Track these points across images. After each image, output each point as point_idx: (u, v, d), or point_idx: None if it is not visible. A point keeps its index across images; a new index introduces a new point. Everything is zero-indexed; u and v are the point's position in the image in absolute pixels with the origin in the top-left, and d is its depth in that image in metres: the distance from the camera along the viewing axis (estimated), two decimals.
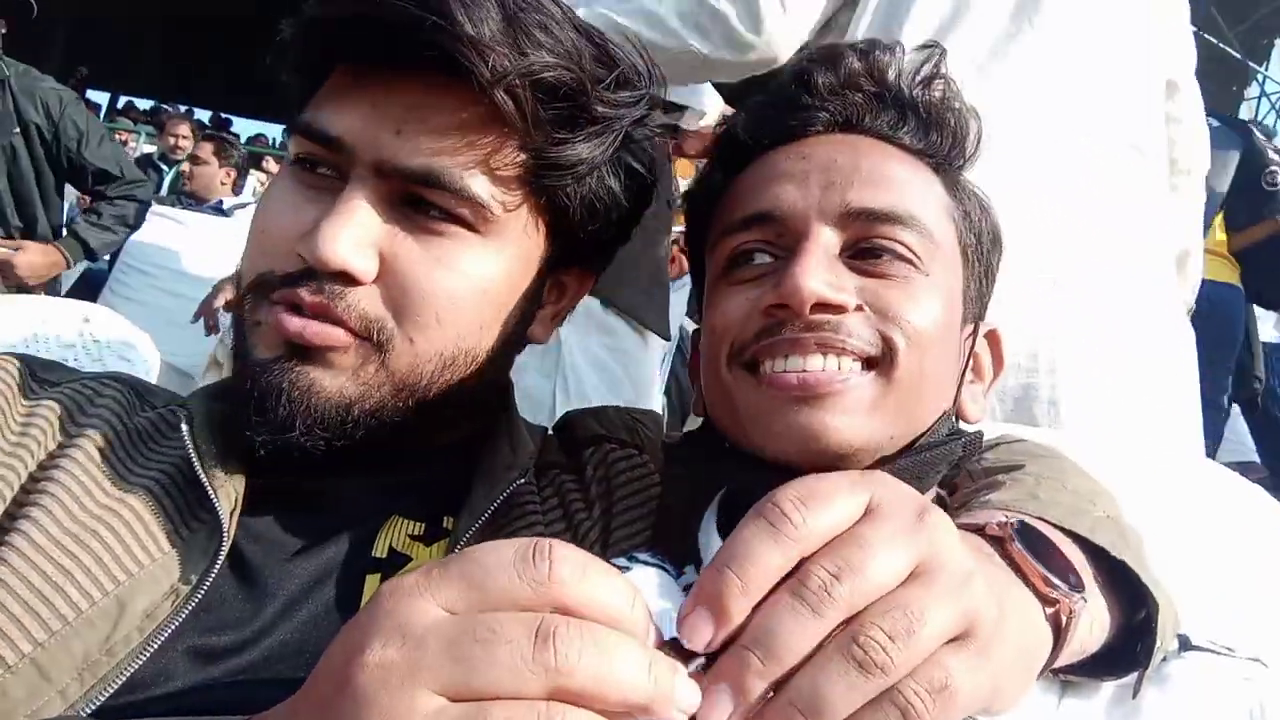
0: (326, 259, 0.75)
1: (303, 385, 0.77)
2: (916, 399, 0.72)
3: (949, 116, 0.81)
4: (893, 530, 0.47)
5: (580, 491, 0.92)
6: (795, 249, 0.73)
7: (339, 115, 0.79)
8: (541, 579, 0.41)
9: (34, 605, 0.69)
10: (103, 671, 0.70)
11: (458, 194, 0.78)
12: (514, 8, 0.76)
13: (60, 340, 1.29)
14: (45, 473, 0.78)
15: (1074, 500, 0.71)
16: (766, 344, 0.71)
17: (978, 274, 0.82)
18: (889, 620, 0.43)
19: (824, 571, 0.44)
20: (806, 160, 0.77)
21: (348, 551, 0.82)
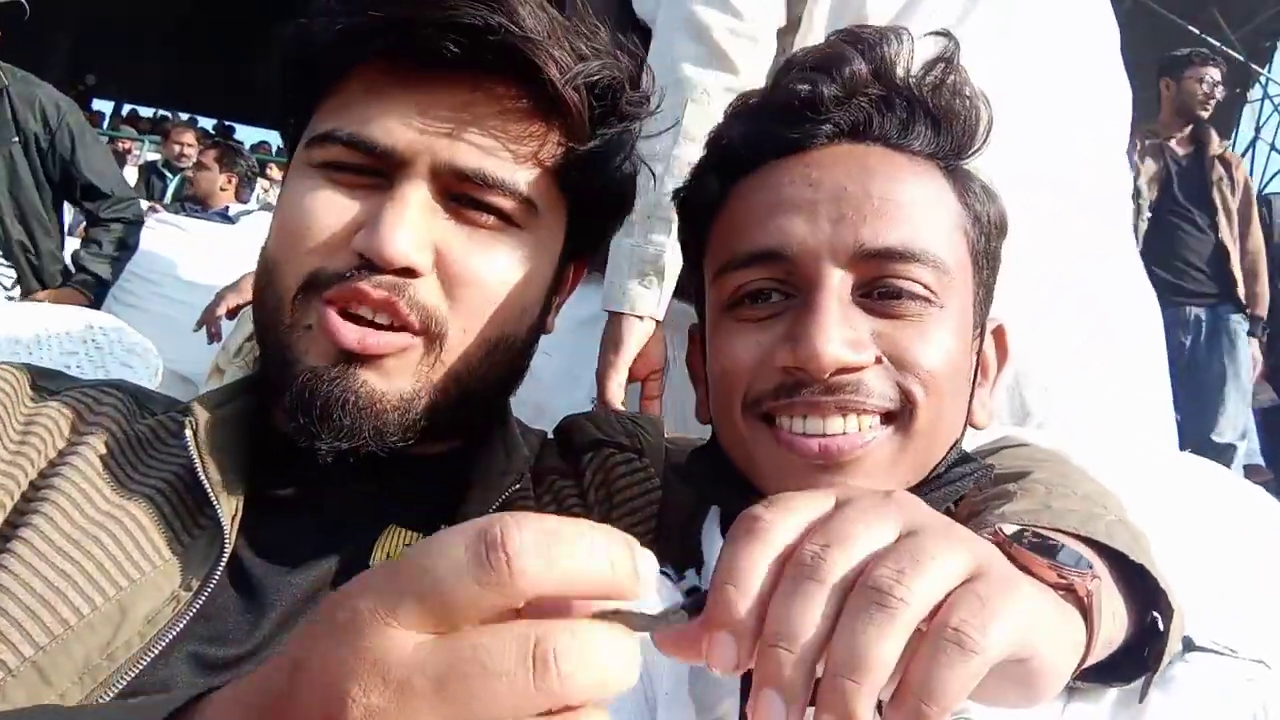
0: (391, 255, 0.77)
1: (364, 393, 0.79)
2: (933, 443, 0.72)
3: (960, 112, 0.78)
4: (867, 506, 0.47)
5: (579, 497, 0.92)
6: (807, 294, 0.71)
7: (386, 123, 0.80)
8: (504, 580, 0.36)
9: (35, 610, 0.69)
10: (103, 676, 0.70)
11: (508, 191, 0.82)
12: (548, 8, 0.80)
13: (63, 347, 1.30)
14: (46, 480, 0.78)
15: (1086, 506, 0.70)
16: (785, 403, 0.70)
17: (985, 276, 0.80)
18: (892, 559, 0.43)
19: (813, 546, 0.44)
20: (814, 188, 0.73)
21: (345, 562, 0.82)
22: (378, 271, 0.78)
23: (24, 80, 3.37)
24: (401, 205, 0.79)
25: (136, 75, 17.12)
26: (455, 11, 0.76)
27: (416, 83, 0.80)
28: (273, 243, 0.84)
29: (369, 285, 0.78)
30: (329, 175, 0.82)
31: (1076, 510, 0.68)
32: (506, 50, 0.78)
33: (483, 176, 0.80)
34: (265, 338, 0.84)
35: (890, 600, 0.41)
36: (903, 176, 0.74)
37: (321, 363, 0.80)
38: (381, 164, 0.81)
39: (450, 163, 0.80)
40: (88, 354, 1.32)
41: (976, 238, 0.78)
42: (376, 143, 0.80)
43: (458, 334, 0.82)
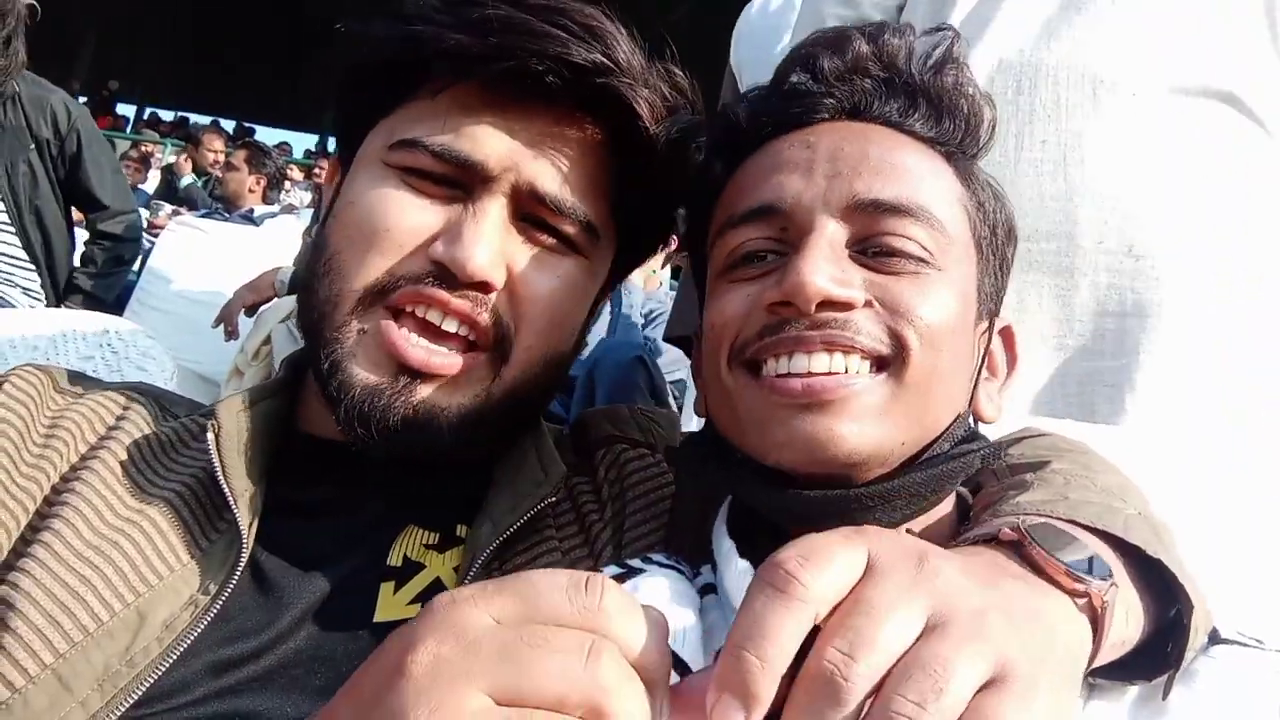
0: (474, 269, 0.79)
1: (424, 409, 0.82)
2: (929, 401, 0.69)
3: (961, 103, 0.77)
4: (897, 588, 0.45)
5: (593, 493, 0.92)
6: (800, 244, 0.69)
7: (476, 139, 0.82)
8: (591, 606, 0.43)
9: (56, 616, 0.70)
10: (123, 682, 0.70)
11: (576, 219, 0.85)
12: (636, 43, 0.84)
13: (80, 352, 1.31)
14: (68, 484, 0.78)
15: (1105, 498, 0.68)
16: (770, 341, 0.67)
17: (992, 268, 0.77)
18: (913, 686, 0.42)
19: (835, 654, 0.43)
20: (811, 149, 0.73)
21: (363, 560, 0.82)
22: (455, 282, 0.80)
23: (35, 83, 3.34)
24: (483, 220, 0.81)
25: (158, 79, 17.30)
26: (566, 50, 0.79)
27: (507, 104, 0.83)
28: (339, 238, 0.85)
29: (450, 294, 0.80)
30: (408, 180, 0.84)
31: (1094, 503, 0.66)
32: (605, 89, 0.81)
33: (557, 202, 0.84)
34: (316, 336, 0.84)
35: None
36: (901, 147, 0.74)
37: (379, 377, 0.81)
38: (465, 177, 0.82)
39: (531, 184, 0.83)
40: (104, 358, 1.33)
41: (980, 222, 0.76)
42: (467, 156, 0.82)
43: (522, 351, 0.85)
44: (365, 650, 0.77)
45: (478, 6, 0.81)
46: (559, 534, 0.87)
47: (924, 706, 0.41)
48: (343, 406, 0.81)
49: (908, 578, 0.46)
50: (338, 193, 0.91)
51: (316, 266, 0.86)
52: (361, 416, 0.80)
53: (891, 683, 0.42)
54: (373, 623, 0.79)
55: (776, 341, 0.67)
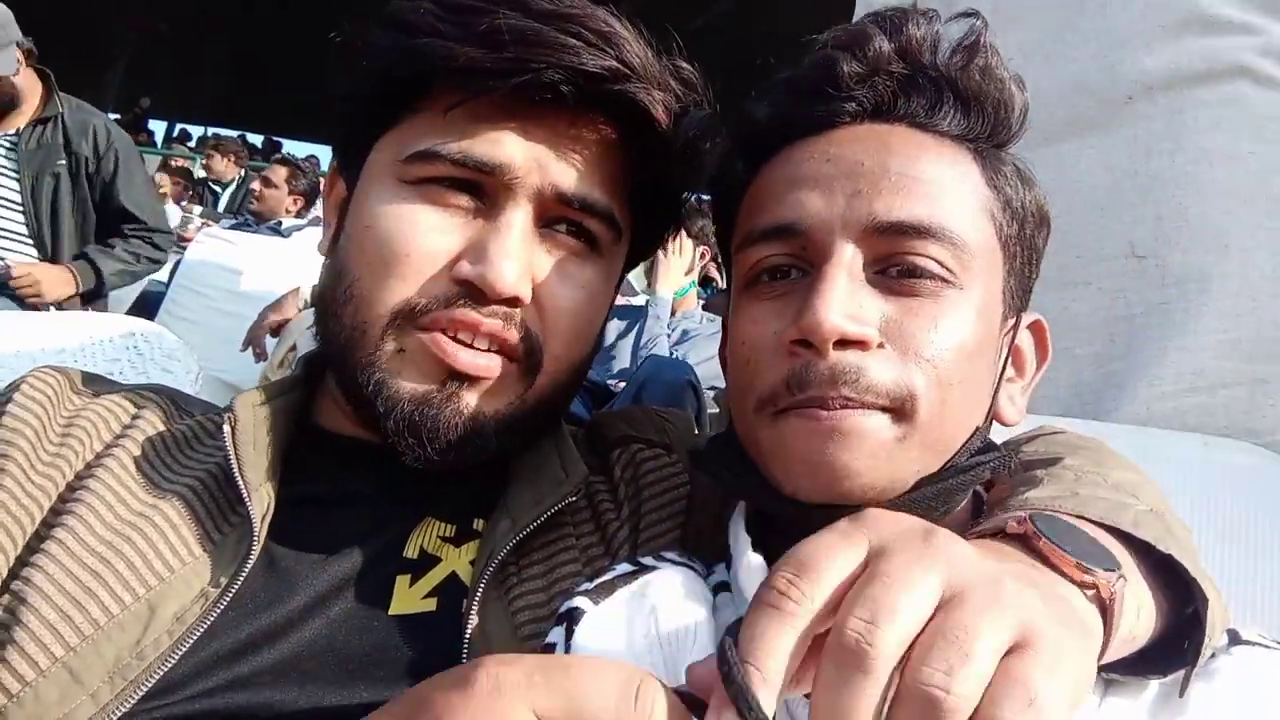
0: (504, 287, 0.79)
1: (469, 414, 0.82)
2: (943, 429, 0.69)
3: (991, 92, 0.75)
4: (908, 559, 0.44)
5: (609, 493, 0.92)
6: (818, 267, 0.69)
7: (496, 144, 0.81)
8: (642, 716, 0.42)
9: (67, 610, 0.71)
10: (133, 675, 0.70)
11: (601, 216, 0.85)
12: (645, 43, 0.84)
13: (107, 354, 1.33)
14: (82, 482, 0.79)
15: (1115, 494, 0.67)
16: (797, 400, 0.67)
17: (1019, 265, 0.76)
18: (938, 655, 0.41)
19: (858, 622, 0.42)
20: (832, 163, 0.72)
21: (379, 552, 0.82)
22: (483, 300, 0.80)
23: (79, 108, 3.47)
24: (507, 234, 0.80)
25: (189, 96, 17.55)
26: (580, 60, 0.79)
27: (522, 110, 0.82)
28: (358, 263, 0.83)
29: (480, 315, 0.80)
30: (426, 194, 0.82)
31: (1104, 498, 0.65)
32: (621, 94, 0.81)
33: (583, 201, 0.84)
34: (348, 359, 0.83)
35: (951, 712, 0.40)
36: (924, 155, 0.72)
37: (425, 385, 0.81)
38: (487, 182, 0.82)
39: (555, 185, 0.82)
40: (130, 360, 1.35)
41: (1006, 223, 0.74)
42: (487, 161, 0.81)
43: (551, 361, 0.85)
44: (379, 642, 0.77)
45: (484, 15, 0.79)
46: (576, 533, 0.87)
47: (952, 675, 0.40)
48: (392, 419, 0.80)
49: (917, 550, 0.45)
50: (345, 211, 0.89)
51: (337, 292, 0.84)
52: (412, 426, 0.80)
53: (917, 655, 0.41)
54: (387, 615, 0.79)
55: (802, 401, 0.67)
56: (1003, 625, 0.42)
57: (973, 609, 0.42)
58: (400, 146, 0.84)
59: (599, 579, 0.72)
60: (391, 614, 0.79)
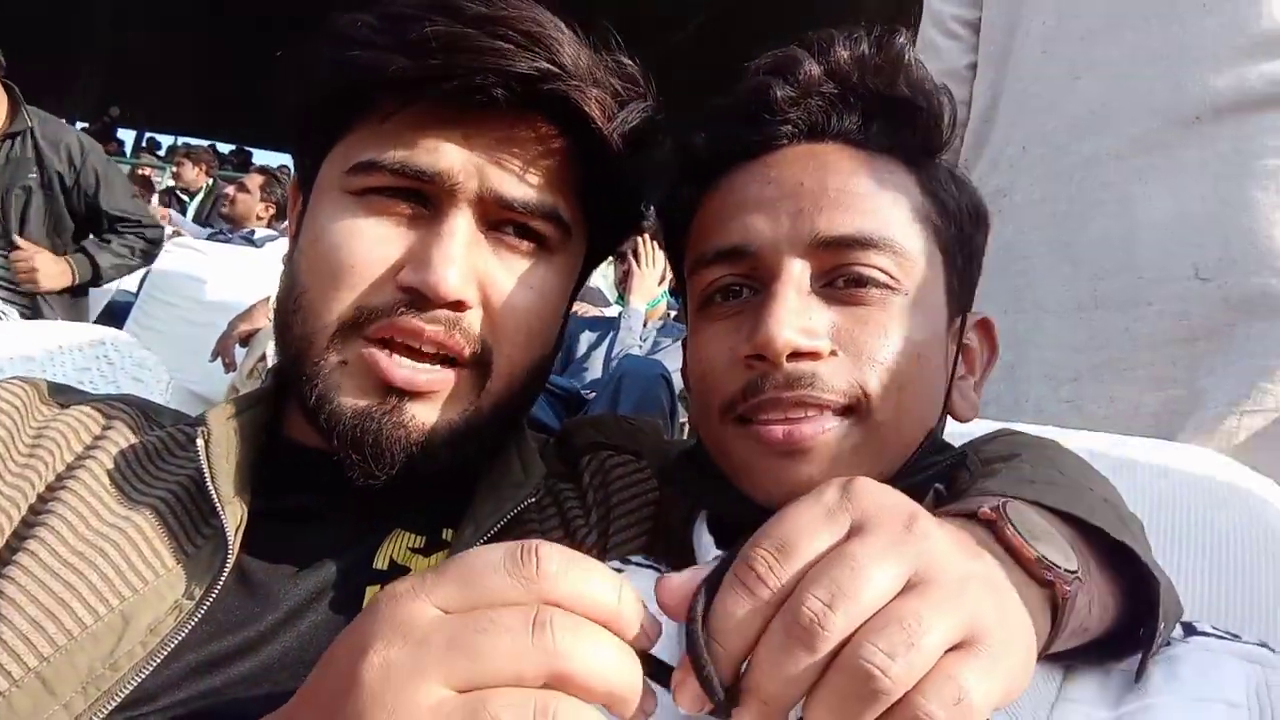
0: (446, 291, 0.79)
1: (414, 427, 0.81)
2: (899, 431, 0.72)
3: (919, 105, 0.78)
4: (882, 544, 0.46)
5: (578, 499, 0.93)
6: (768, 285, 0.72)
7: (434, 152, 0.81)
8: (530, 575, 0.43)
9: (40, 621, 0.70)
10: (107, 685, 0.70)
11: (547, 217, 0.85)
12: (581, 42, 0.84)
13: (76, 364, 1.32)
14: (54, 493, 0.79)
15: (1071, 485, 0.69)
16: (752, 404, 0.71)
17: (960, 265, 0.80)
18: (885, 637, 0.42)
19: (815, 602, 0.43)
20: (773, 185, 0.75)
21: (349, 564, 0.83)
22: (428, 306, 0.80)
23: (47, 121, 3.49)
24: (450, 238, 0.80)
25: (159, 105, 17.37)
26: (510, 63, 0.79)
27: (459, 115, 0.82)
28: (307, 274, 0.84)
29: (423, 321, 0.80)
30: (369, 204, 0.83)
31: (1060, 487, 0.67)
32: (553, 94, 0.81)
33: (527, 205, 0.83)
34: (296, 370, 0.84)
35: (875, 692, 0.42)
36: (860, 170, 0.76)
37: (367, 400, 0.81)
38: (429, 190, 0.82)
39: (496, 190, 0.82)
40: (100, 370, 1.34)
41: (944, 226, 0.78)
42: (426, 169, 0.81)
43: (504, 363, 0.85)
44: None
45: (415, 24, 0.79)
46: (542, 528, 0.88)
47: (893, 658, 0.42)
48: (335, 435, 0.81)
49: (895, 536, 0.46)
50: (300, 224, 0.90)
51: (288, 302, 0.85)
52: (355, 442, 0.80)
53: (865, 632, 0.43)
54: None
55: (758, 404, 0.71)
56: (955, 622, 0.44)
57: (932, 601, 0.44)
58: (345, 159, 0.84)
59: None
60: None
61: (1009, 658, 0.46)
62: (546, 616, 0.42)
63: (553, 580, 0.43)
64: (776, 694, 0.44)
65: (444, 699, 0.41)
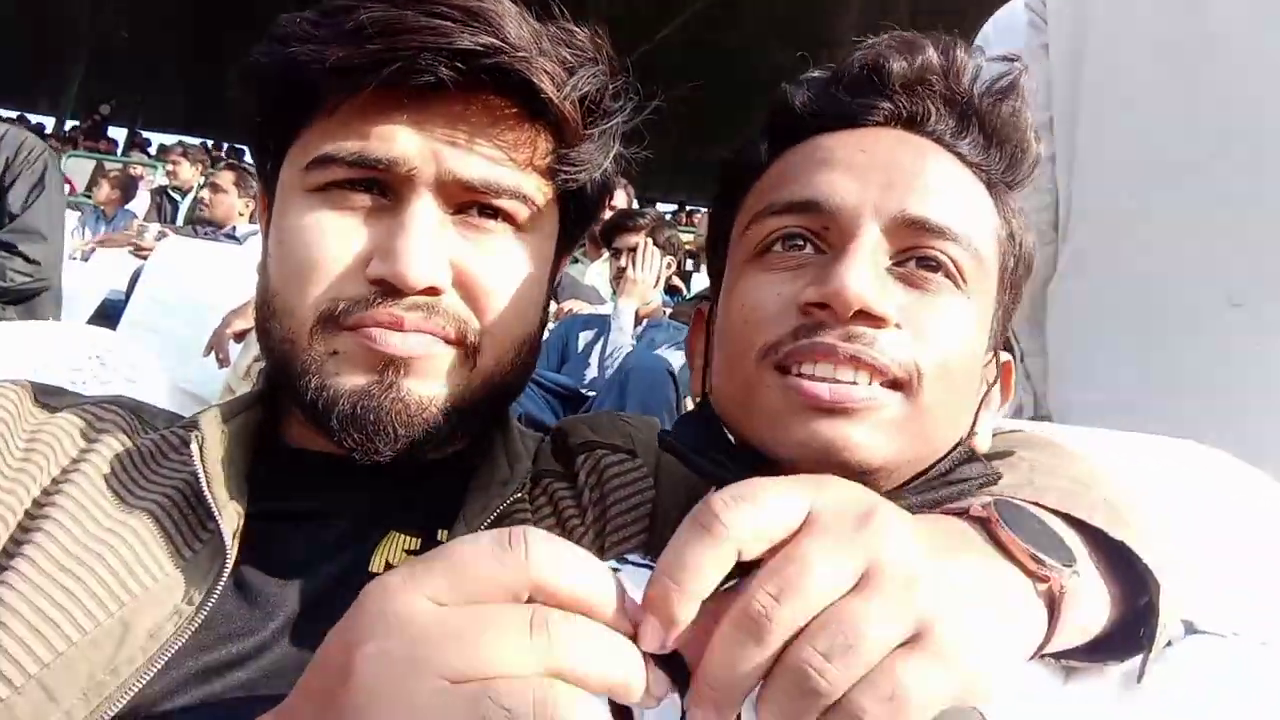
0: (415, 279, 0.79)
1: (413, 401, 0.81)
2: (939, 423, 0.70)
3: (1013, 135, 0.77)
4: (833, 542, 0.47)
5: (573, 498, 0.92)
6: (842, 247, 0.69)
7: (388, 139, 0.81)
8: (518, 561, 0.44)
9: (40, 627, 0.70)
10: (107, 691, 0.70)
11: (512, 196, 0.84)
12: (524, 14, 0.83)
13: (69, 364, 1.32)
14: (49, 497, 0.78)
15: (1070, 484, 0.69)
16: (803, 345, 0.67)
17: (1006, 301, 0.79)
18: (825, 638, 0.44)
19: (765, 596, 0.45)
20: (867, 154, 0.73)
21: (346, 568, 0.82)
22: (401, 295, 0.80)
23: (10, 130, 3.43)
24: (414, 225, 0.80)
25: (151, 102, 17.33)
26: (449, 38, 0.77)
27: (411, 100, 0.81)
28: (278, 277, 0.84)
29: (400, 310, 0.80)
30: (330, 199, 0.82)
31: (1059, 488, 0.67)
32: (500, 69, 0.80)
33: (488, 184, 0.82)
34: (286, 370, 0.84)
35: (811, 691, 0.44)
36: (952, 170, 0.75)
37: (363, 378, 0.81)
38: (387, 178, 0.81)
39: (455, 173, 0.81)
40: (93, 370, 1.33)
41: (1008, 254, 0.77)
42: (381, 158, 0.80)
43: (489, 340, 0.85)
44: None
45: (351, 13, 0.79)
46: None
47: (830, 659, 0.43)
48: (334, 418, 0.81)
49: (846, 534, 0.47)
50: (268, 229, 0.90)
51: (265, 308, 0.86)
52: (355, 422, 0.80)
53: (806, 634, 0.45)
54: None
55: (810, 346, 0.67)
56: (899, 620, 0.45)
57: (876, 600, 0.45)
58: (302, 156, 0.84)
59: None
60: None
61: (963, 655, 0.46)
62: (545, 617, 0.43)
63: (540, 566, 0.44)
64: (725, 682, 0.45)
65: (442, 688, 0.41)
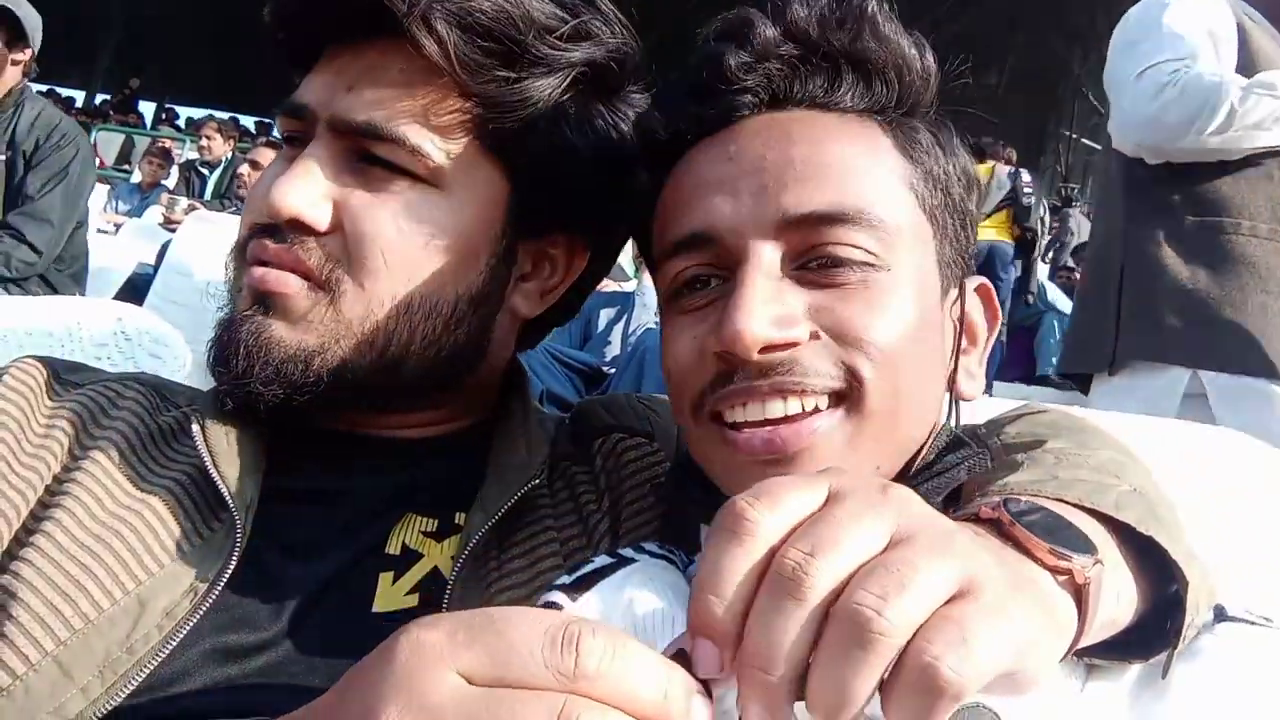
0: (279, 208, 0.79)
1: (263, 337, 0.80)
2: (898, 420, 0.67)
3: (887, 57, 0.72)
4: (861, 504, 0.44)
5: (590, 483, 0.91)
6: (735, 273, 0.67)
7: (306, 86, 0.85)
8: (568, 670, 0.39)
9: (57, 604, 0.70)
10: (123, 669, 0.70)
11: (398, 143, 0.81)
12: None
13: (94, 339, 1.32)
14: (69, 474, 0.79)
15: (1097, 476, 0.66)
16: (723, 394, 0.66)
17: (952, 232, 0.74)
18: (875, 580, 0.41)
19: (797, 553, 0.42)
20: (734, 162, 0.69)
21: (361, 549, 0.82)
22: (279, 230, 0.81)
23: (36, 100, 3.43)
24: (300, 163, 0.81)
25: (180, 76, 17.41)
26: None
27: (338, 53, 0.85)
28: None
29: (270, 240, 0.81)
30: (283, 152, 0.87)
31: (1086, 480, 0.64)
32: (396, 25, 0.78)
33: (373, 129, 0.80)
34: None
35: (871, 636, 0.39)
36: (829, 137, 0.70)
37: (235, 313, 0.83)
38: (303, 125, 0.84)
39: (343, 116, 0.81)
40: (118, 345, 1.34)
41: (930, 193, 0.72)
42: (294, 102, 0.84)
43: (355, 289, 0.81)
44: (364, 641, 0.77)
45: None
46: (557, 523, 0.87)
47: (885, 599, 0.40)
48: (209, 351, 0.84)
49: (873, 498, 0.45)
50: None
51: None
52: (218, 354, 0.82)
53: (855, 581, 0.41)
54: (371, 612, 0.79)
55: (729, 394, 0.66)
56: (946, 569, 0.42)
57: (920, 549, 0.43)
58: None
59: (577, 572, 0.71)
60: (375, 611, 0.79)
61: (1015, 614, 0.43)
62: (573, 713, 0.38)
63: (591, 680, 0.39)
64: (769, 656, 0.41)
65: None
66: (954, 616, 0.41)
